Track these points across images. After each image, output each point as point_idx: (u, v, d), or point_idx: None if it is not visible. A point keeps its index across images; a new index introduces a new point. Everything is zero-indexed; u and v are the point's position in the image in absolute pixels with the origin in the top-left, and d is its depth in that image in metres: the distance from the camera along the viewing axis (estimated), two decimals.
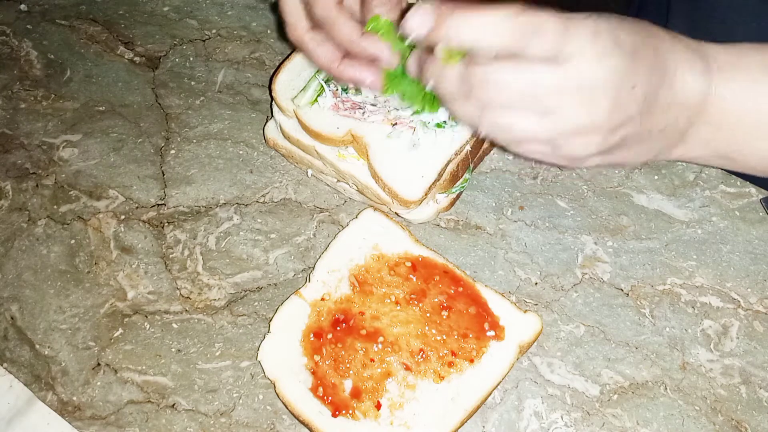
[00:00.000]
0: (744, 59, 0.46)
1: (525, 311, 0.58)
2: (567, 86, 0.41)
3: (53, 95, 0.74)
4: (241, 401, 0.58)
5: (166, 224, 0.67)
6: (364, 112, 0.62)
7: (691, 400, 0.57)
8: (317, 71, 0.63)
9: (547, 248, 0.64)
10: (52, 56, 0.77)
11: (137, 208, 0.67)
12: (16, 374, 0.60)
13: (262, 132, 0.70)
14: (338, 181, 0.66)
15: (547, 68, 0.41)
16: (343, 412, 0.55)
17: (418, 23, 0.42)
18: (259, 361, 0.58)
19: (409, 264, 0.60)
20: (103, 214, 0.67)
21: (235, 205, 0.67)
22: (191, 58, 0.76)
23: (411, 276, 0.59)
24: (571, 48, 0.40)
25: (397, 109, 0.61)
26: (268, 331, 0.59)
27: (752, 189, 0.66)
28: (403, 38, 0.48)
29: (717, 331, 0.60)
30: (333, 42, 0.53)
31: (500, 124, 0.43)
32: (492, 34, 0.40)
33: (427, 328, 0.57)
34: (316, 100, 0.62)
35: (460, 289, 0.58)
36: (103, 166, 0.70)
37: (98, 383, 0.59)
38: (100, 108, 0.73)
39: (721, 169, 0.55)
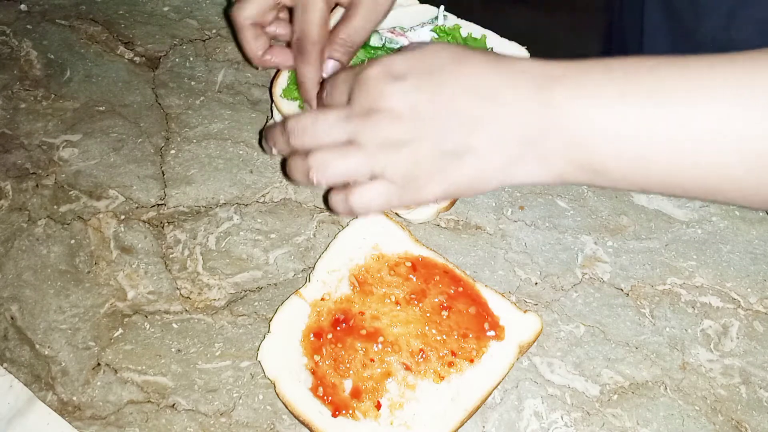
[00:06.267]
0: (587, 74, 0.47)
1: (525, 311, 0.58)
2: (354, 114, 0.49)
3: (53, 95, 0.74)
4: (241, 401, 0.58)
5: (166, 224, 0.67)
6: None
7: (691, 400, 0.57)
8: None
9: (547, 248, 0.64)
10: (52, 56, 0.77)
11: (137, 208, 0.67)
12: (16, 374, 0.60)
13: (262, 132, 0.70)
14: None
15: (337, 109, 0.51)
16: (343, 412, 0.55)
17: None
18: (259, 361, 0.58)
19: (409, 264, 0.60)
20: (103, 214, 0.67)
21: (235, 205, 0.67)
22: (191, 58, 0.76)
23: (411, 276, 0.59)
24: (355, 91, 0.50)
25: None
26: (268, 331, 0.59)
27: None
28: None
29: (717, 331, 0.60)
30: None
31: (321, 165, 0.50)
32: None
33: (427, 328, 0.57)
34: None
35: (460, 289, 0.58)
36: (103, 166, 0.70)
37: (98, 383, 0.59)
38: (100, 108, 0.73)
39: (600, 187, 0.56)
